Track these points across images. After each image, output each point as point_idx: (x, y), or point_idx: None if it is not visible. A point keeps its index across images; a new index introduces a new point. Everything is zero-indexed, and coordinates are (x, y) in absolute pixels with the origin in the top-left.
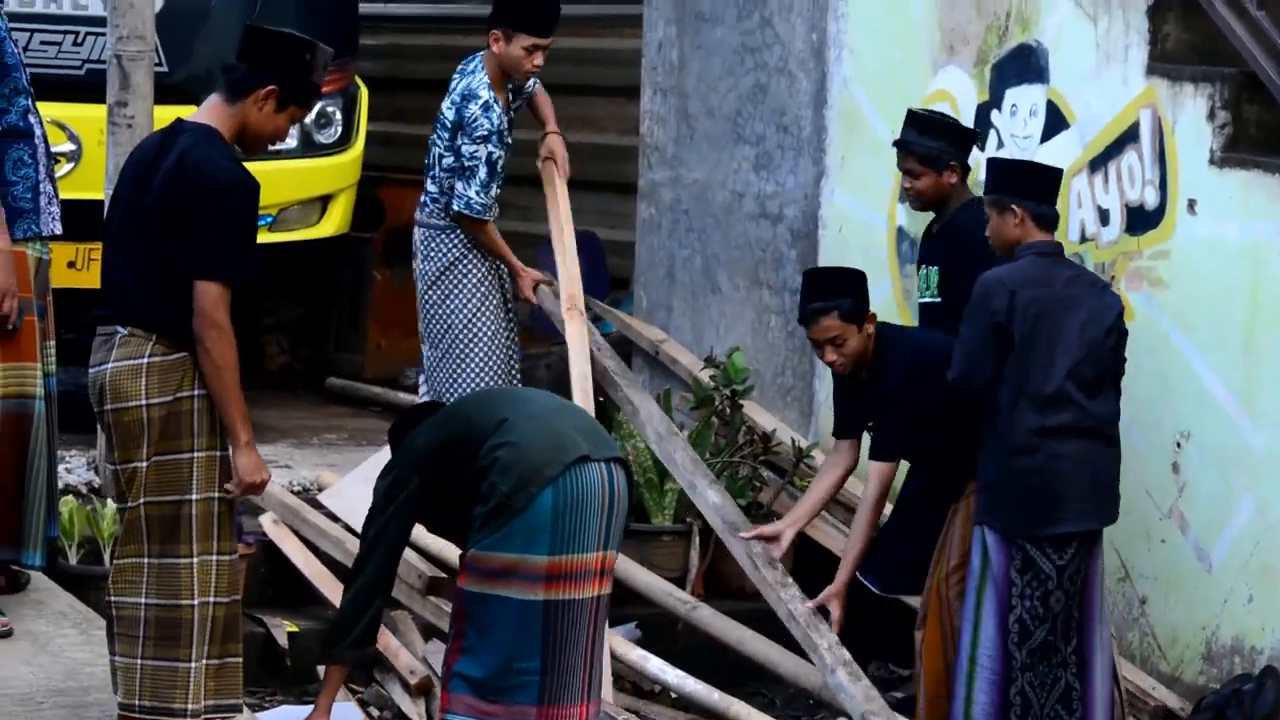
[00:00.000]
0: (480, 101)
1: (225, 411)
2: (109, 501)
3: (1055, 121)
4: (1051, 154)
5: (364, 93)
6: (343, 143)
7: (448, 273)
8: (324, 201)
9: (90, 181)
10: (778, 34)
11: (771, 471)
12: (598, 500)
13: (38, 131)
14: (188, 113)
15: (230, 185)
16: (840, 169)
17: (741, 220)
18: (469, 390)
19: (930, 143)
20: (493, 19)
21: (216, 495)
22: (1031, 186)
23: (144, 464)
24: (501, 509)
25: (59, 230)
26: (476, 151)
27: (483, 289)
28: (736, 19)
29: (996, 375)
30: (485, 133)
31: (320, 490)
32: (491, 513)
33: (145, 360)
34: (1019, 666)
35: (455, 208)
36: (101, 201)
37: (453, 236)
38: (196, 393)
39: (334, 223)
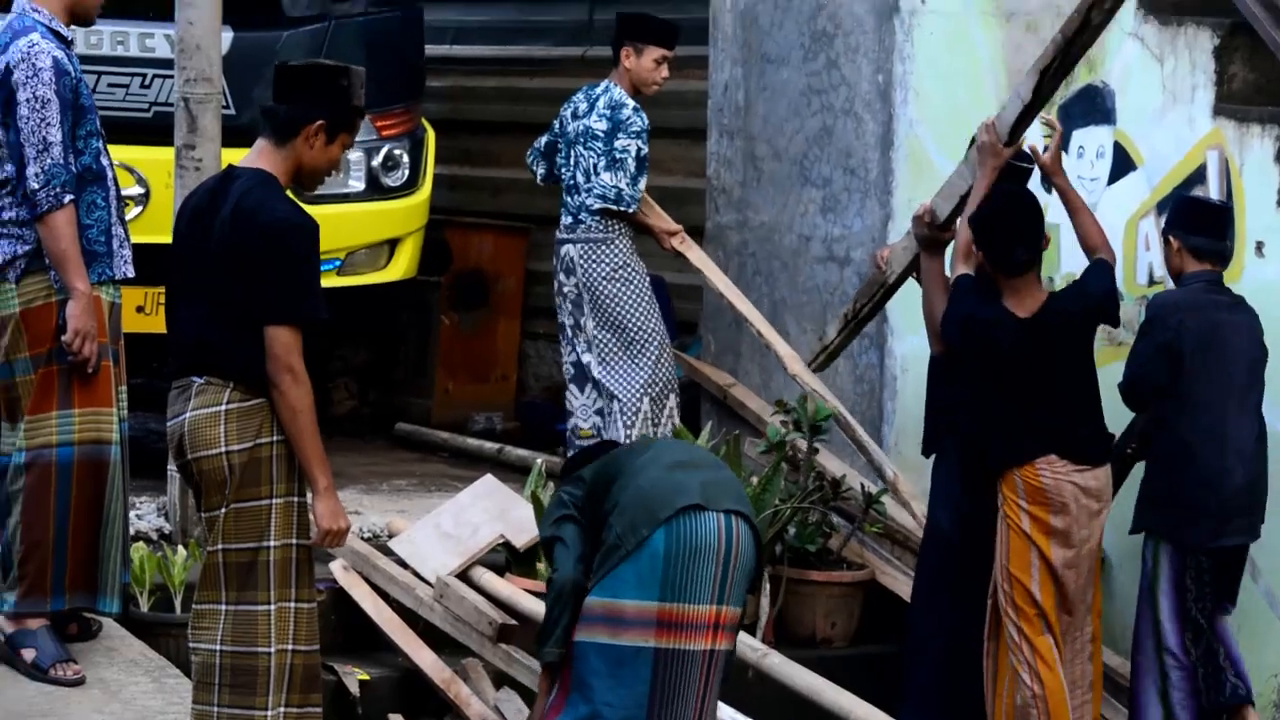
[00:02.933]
0: (631, 106)
1: (303, 457)
2: (179, 548)
3: (1122, 163)
4: (1119, 196)
5: (431, 135)
6: (410, 186)
7: (617, 274)
8: (392, 245)
9: (158, 225)
10: (844, 76)
11: (841, 517)
12: (712, 550)
13: (110, 174)
14: None
15: (289, 228)
16: (907, 211)
17: (809, 263)
18: (648, 373)
19: None
20: (623, 36)
21: (295, 542)
22: (1187, 220)
23: (222, 510)
24: (614, 550)
25: (131, 273)
26: (628, 145)
27: (647, 291)
28: (802, 60)
29: (1164, 390)
30: (639, 129)
31: (390, 536)
32: (605, 554)
33: (223, 408)
34: (1196, 659)
35: (602, 197)
36: (169, 246)
37: (613, 247)
38: (275, 439)
39: (402, 266)
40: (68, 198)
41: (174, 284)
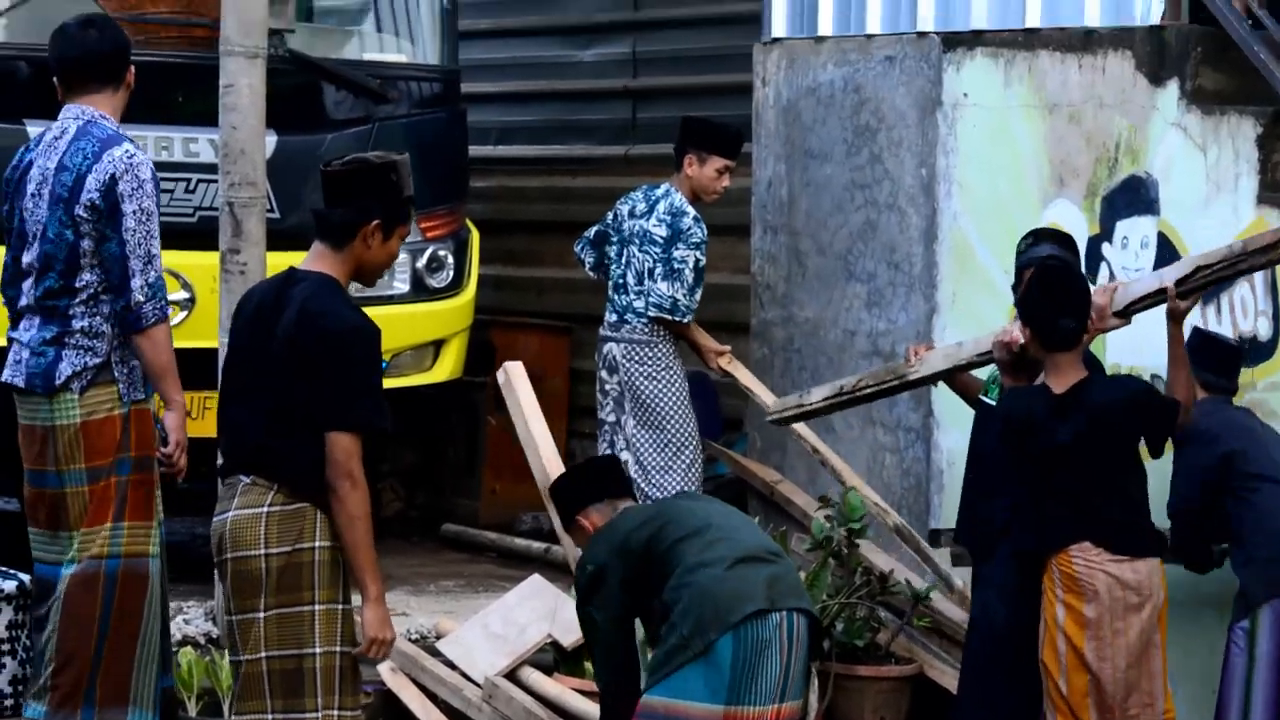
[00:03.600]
0: (691, 215)
1: (356, 563)
2: (227, 652)
3: (1167, 253)
4: None
5: (475, 236)
6: (455, 287)
7: (660, 375)
8: (437, 346)
9: (204, 330)
10: (887, 170)
11: (889, 612)
12: (777, 651)
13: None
14: (300, 259)
15: (353, 333)
16: (952, 305)
17: (854, 358)
18: (681, 476)
19: None
20: (688, 143)
21: (339, 649)
22: (1199, 354)
23: (261, 615)
24: (679, 650)
25: None
26: (687, 257)
27: (686, 396)
28: (846, 155)
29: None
30: (698, 241)
31: (438, 638)
32: (669, 653)
33: (265, 510)
34: None
35: (659, 305)
36: (215, 350)
37: (656, 350)
38: (318, 544)
39: (447, 368)
40: (169, 310)
41: (230, 383)
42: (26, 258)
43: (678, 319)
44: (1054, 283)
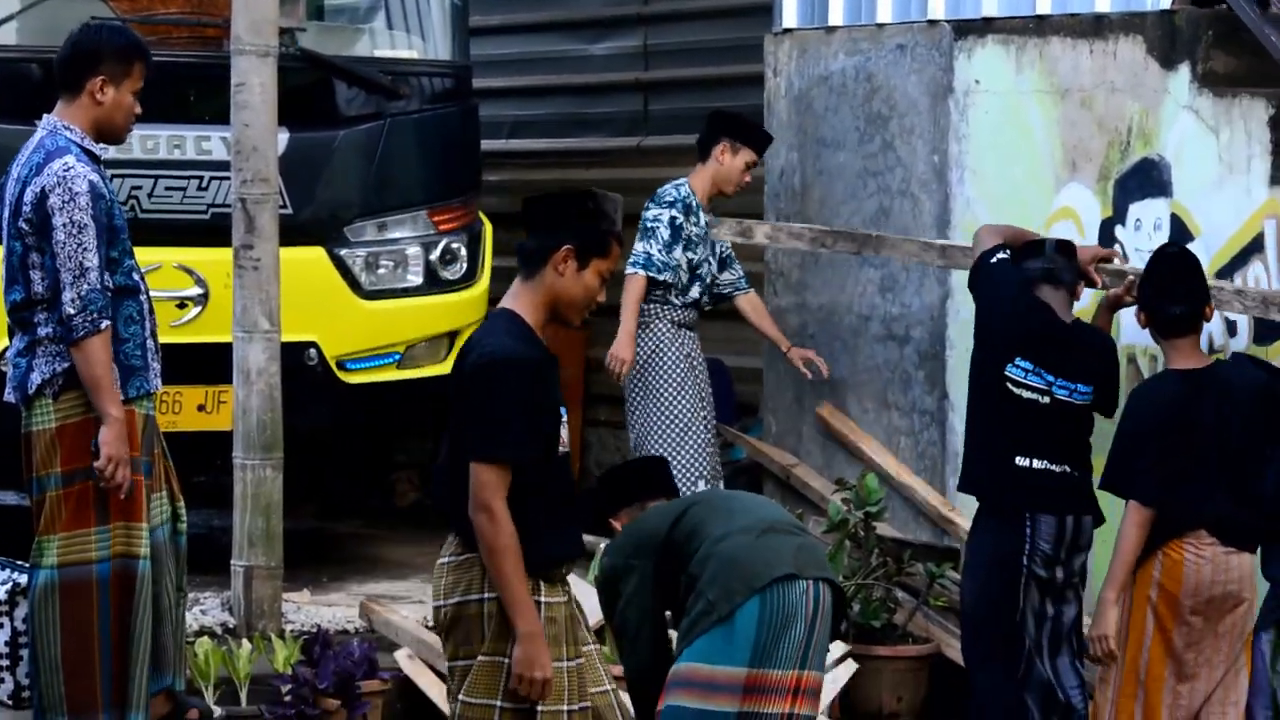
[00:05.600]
0: (673, 184)
1: (503, 597)
2: (244, 642)
3: (1180, 235)
4: None
5: (488, 228)
6: (468, 279)
7: (652, 359)
8: (451, 337)
9: (218, 325)
10: (899, 157)
11: (905, 592)
12: (802, 618)
13: (143, 288)
14: (313, 254)
15: (499, 363)
16: (964, 288)
17: (868, 343)
18: (687, 460)
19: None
20: (723, 132)
21: (498, 704)
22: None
23: (448, 664)
24: (705, 615)
25: (160, 386)
26: (660, 215)
27: (676, 383)
28: (858, 143)
29: None
30: (671, 199)
31: None
32: (695, 620)
33: (445, 560)
34: None
35: (632, 263)
36: (229, 345)
37: (649, 330)
38: (486, 596)
39: None
40: (104, 323)
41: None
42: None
43: (651, 273)
44: (1164, 271)
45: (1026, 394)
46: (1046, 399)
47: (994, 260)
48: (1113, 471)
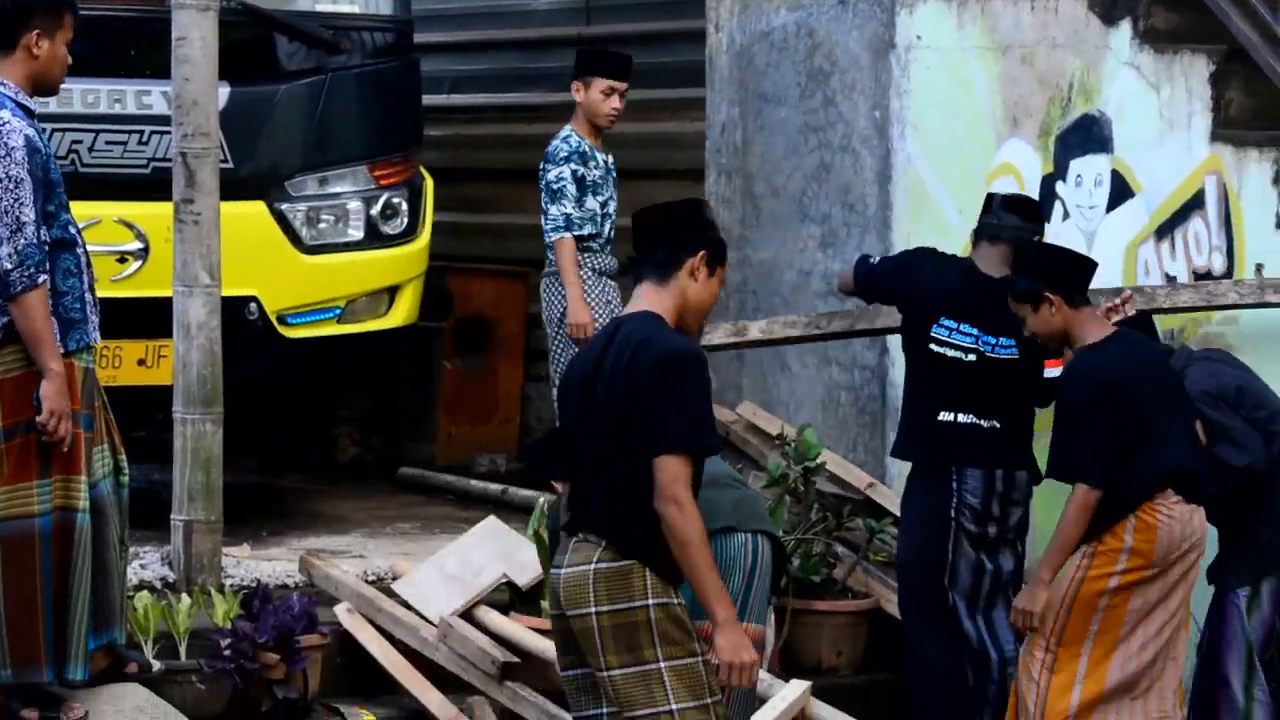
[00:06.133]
0: (560, 137)
1: (697, 589)
2: (184, 596)
3: (1120, 191)
4: (1118, 223)
5: (429, 183)
6: (409, 233)
7: (565, 321)
8: (392, 292)
9: (158, 279)
10: (841, 113)
11: (845, 547)
12: (740, 570)
13: (80, 242)
14: (254, 208)
15: (680, 356)
16: (906, 245)
17: (809, 298)
18: None
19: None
20: (574, 75)
21: (709, 700)
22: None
23: (606, 674)
24: None
25: (99, 339)
26: (562, 173)
27: (598, 324)
28: (799, 99)
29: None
30: (565, 154)
31: (395, 579)
32: None
33: (591, 567)
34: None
35: (555, 229)
36: (169, 299)
37: (559, 283)
38: (651, 603)
39: (402, 313)
40: (41, 278)
41: (572, 447)
42: None
43: (576, 232)
44: (1058, 253)
45: (950, 353)
46: (972, 356)
47: (875, 259)
48: (1059, 457)
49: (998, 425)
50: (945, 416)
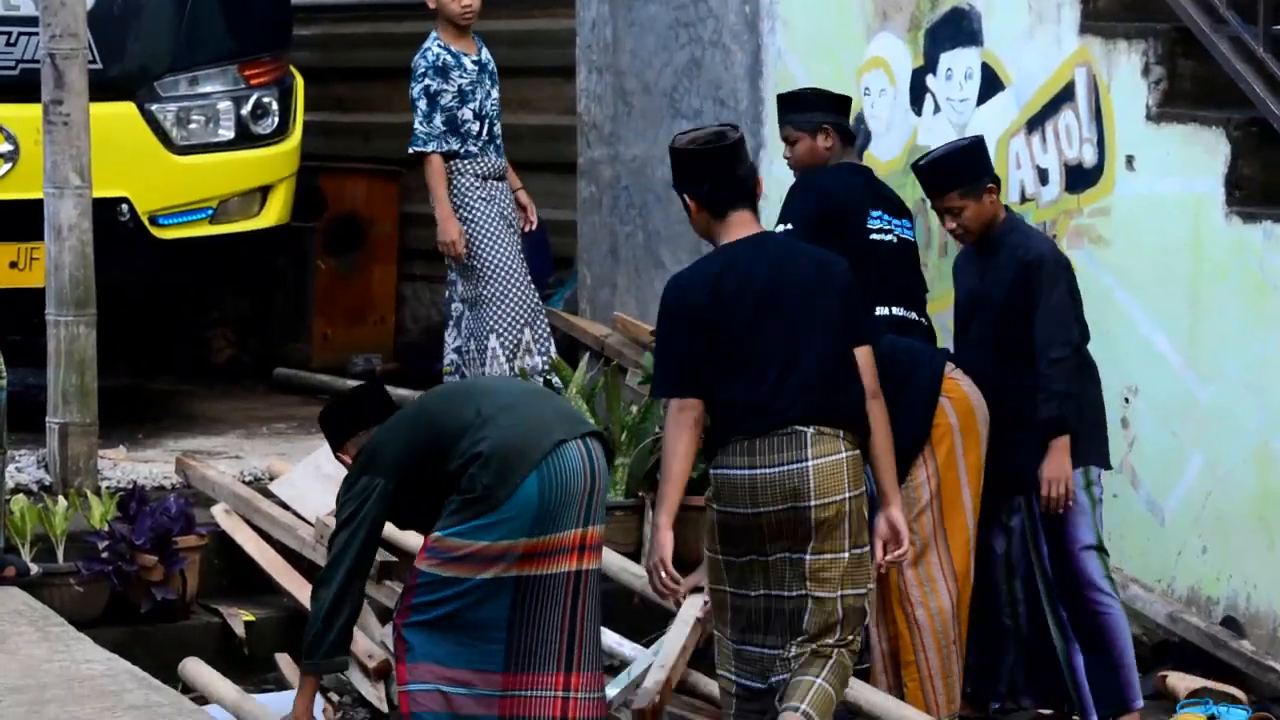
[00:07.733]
0: (422, 49)
1: (895, 470)
2: (60, 499)
3: (990, 84)
4: (988, 116)
5: (299, 82)
6: (280, 133)
7: (456, 214)
8: (264, 192)
9: (29, 181)
10: (711, 8)
11: None
12: (579, 479)
13: None
14: (124, 109)
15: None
16: (777, 140)
17: None
18: (497, 309)
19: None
20: None
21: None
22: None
23: (845, 555)
24: (482, 500)
25: None
26: (414, 89)
27: (491, 236)
28: None
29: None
30: (422, 69)
31: (271, 479)
32: (470, 503)
33: (844, 455)
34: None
35: (412, 145)
36: (40, 201)
37: (450, 193)
38: (859, 491)
39: (274, 213)
40: None
41: (749, 349)
42: None
43: (416, 148)
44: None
45: (885, 238)
46: (892, 237)
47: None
48: None
49: (920, 319)
50: (880, 311)
